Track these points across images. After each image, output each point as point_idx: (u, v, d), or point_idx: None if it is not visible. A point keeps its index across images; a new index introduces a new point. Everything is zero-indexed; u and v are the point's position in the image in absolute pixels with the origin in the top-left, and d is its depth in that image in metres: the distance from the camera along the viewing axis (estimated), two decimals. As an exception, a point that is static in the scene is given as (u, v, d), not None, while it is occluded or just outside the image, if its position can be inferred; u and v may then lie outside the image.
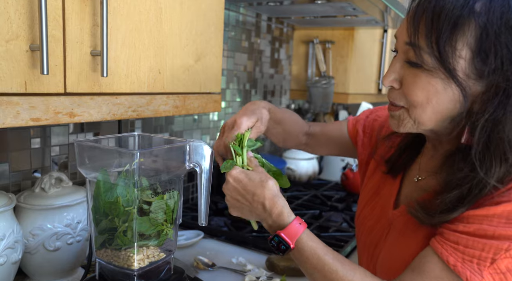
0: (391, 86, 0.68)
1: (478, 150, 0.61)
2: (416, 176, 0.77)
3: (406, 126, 0.68)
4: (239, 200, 0.71)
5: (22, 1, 0.58)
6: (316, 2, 1.41)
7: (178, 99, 0.90)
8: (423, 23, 0.60)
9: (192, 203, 1.57)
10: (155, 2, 0.79)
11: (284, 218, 0.69)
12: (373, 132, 0.92)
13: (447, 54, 0.59)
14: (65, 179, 0.96)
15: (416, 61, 0.62)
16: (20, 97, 0.60)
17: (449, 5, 0.58)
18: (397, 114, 0.68)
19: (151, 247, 0.79)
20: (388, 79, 0.67)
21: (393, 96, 0.68)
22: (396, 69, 0.66)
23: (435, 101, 0.63)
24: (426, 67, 0.61)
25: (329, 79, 2.01)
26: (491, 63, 0.58)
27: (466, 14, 0.58)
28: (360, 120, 0.97)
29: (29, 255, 0.89)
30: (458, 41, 0.59)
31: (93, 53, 0.69)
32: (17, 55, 0.59)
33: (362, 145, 0.94)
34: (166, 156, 0.81)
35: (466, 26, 0.58)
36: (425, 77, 0.62)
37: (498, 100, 0.59)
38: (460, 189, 0.62)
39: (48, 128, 1.05)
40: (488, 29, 0.57)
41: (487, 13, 0.58)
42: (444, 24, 0.58)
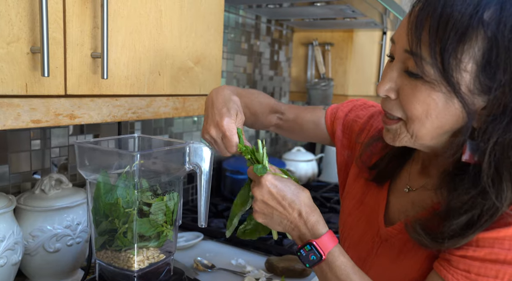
0: (386, 95, 0.62)
1: (489, 174, 0.56)
2: (406, 186, 0.73)
3: (403, 140, 0.63)
4: (272, 205, 0.67)
5: (23, 4, 0.59)
6: (315, 4, 1.42)
7: (178, 101, 0.90)
8: (427, 31, 0.55)
9: (192, 205, 1.57)
10: (155, 4, 0.80)
11: (320, 227, 0.65)
12: (352, 134, 0.87)
13: (451, 66, 0.54)
14: (65, 180, 0.96)
15: (416, 72, 0.57)
16: (21, 99, 0.61)
17: (457, 13, 0.53)
18: (393, 128, 0.63)
19: (151, 249, 0.80)
20: (383, 88, 0.61)
21: (389, 106, 0.62)
22: (393, 77, 0.61)
23: (435, 116, 0.58)
24: (427, 79, 0.56)
25: (329, 81, 2.01)
26: (498, 79, 0.53)
27: (476, 24, 0.52)
28: (338, 119, 0.89)
29: (29, 257, 0.90)
30: (464, 53, 0.53)
31: (94, 55, 0.69)
32: (18, 57, 0.59)
33: (341, 145, 0.89)
34: (166, 157, 0.82)
35: (474, 37, 0.53)
36: (425, 90, 0.57)
37: (507, 120, 0.55)
38: (469, 214, 0.57)
39: (48, 129, 1.05)
40: (498, 41, 0.52)
41: (497, 24, 0.52)
42: (451, 34, 0.53)
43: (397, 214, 0.73)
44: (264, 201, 0.67)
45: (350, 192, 0.84)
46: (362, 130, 0.85)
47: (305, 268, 1.06)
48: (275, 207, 0.66)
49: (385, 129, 0.66)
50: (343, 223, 0.83)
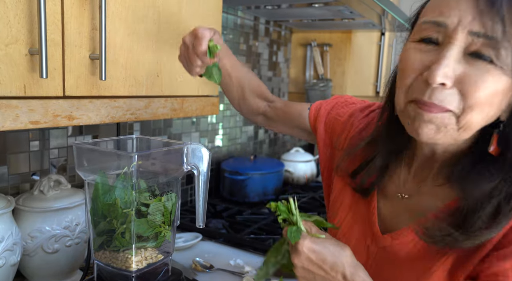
0: (442, 84, 0.53)
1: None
2: (401, 192, 0.70)
3: (446, 135, 0.56)
4: (313, 271, 0.61)
5: (22, 6, 0.59)
6: (313, 5, 1.42)
7: (176, 102, 0.91)
8: (509, 12, 0.49)
9: (190, 206, 1.57)
10: (153, 6, 0.80)
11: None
12: (333, 134, 0.84)
13: None
14: (64, 181, 0.97)
15: (491, 55, 0.51)
16: (19, 100, 0.61)
17: None
18: (439, 117, 0.55)
19: (149, 249, 0.80)
20: (440, 73, 0.52)
21: (441, 97, 0.53)
22: (450, 63, 0.52)
23: (496, 103, 0.53)
24: (497, 63, 0.51)
25: (327, 81, 2.02)
26: None
27: None
28: (321, 116, 0.86)
29: (27, 257, 0.90)
30: None
31: (92, 56, 0.70)
32: (17, 59, 0.60)
33: (324, 144, 0.86)
34: (164, 158, 0.82)
35: None
36: (497, 75, 0.51)
37: None
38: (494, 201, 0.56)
39: (47, 131, 1.05)
40: None
41: None
42: None
43: (392, 221, 0.70)
44: (305, 268, 0.62)
45: (337, 201, 0.80)
46: (342, 131, 0.82)
47: (303, 269, 1.07)
48: (317, 273, 0.61)
49: (423, 121, 0.56)
50: (333, 234, 0.78)
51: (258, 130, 2.00)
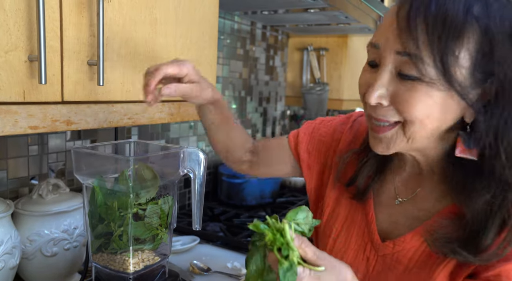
0: (379, 103, 0.59)
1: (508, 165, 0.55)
2: (396, 198, 0.70)
3: (398, 146, 0.61)
4: None
5: (21, 14, 0.61)
6: (309, 11, 1.44)
7: (173, 106, 0.92)
8: (424, 30, 0.53)
9: (188, 209, 1.58)
10: (150, 13, 0.82)
11: None
12: (319, 154, 0.83)
13: (451, 63, 0.53)
14: (62, 185, 0.98)
15: (412, 73, 0.55)
16: (19, 105, 0.62)
17: (451, 10, 0.52)
18: (388, 135, 0.60)
19: (146, 251, 0.81)
20: (374, 96, 0.58)
21: (382, 113, 0.59)
22: (383, 83, 0.58)
23: (436, 115, 0.56)
24: (424, 79, 0.54)
25: (324, 85, 2.03)
26: (494, 69, 0.54)
27: (470, 19, 0.52)
28: (301, 142, 0.85)
29: (26, 261, 0.91)
30: (462, 49, 0.53)
31: (90, 62, 0.71)
32: (16, 66, 0.61)
33: (308, 167, 0.84)
34: (161, 162, 0.83)
35: (470, 32, 0.53)
36: (424, 90, 0.55)
37: (497, 108, 0.55)
38: (499, 213, 0.56)
39: (45, 135, 1.07)
40: (490, 34, 0.53)
41: (487, 17, 0.53)
42: (450, 32, 0.52)
43: (391, 228, 0.70)
44: None
45: (333, 216, 0.78)
46: (328, 149, 0.82)
47: (300, 271, 1.07)
48: None
49: (376, 139, 0.62)
50: (330, 248, 0.76)
51: (256, 134, 2.01)
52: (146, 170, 0.78)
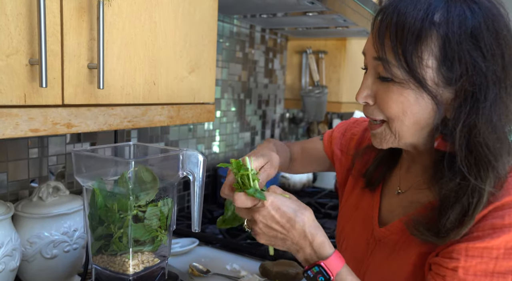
0: (366, 102, 0.68)
1: (462, 157, 0.61)
2: (397, 189, 0.77)
3: (389, 142, 0.69)
4: (274, 228, 0.65)
5: (22, 18, 0.61)
6: (308, 14, 1.45)
7: (173, 109, 0.93)
8: (388, 37, 0.62)
9: (187, 212, 1.59)
10: (150, 16, 0.83)
11: (326, 248, 0.65)
12: (350, 151, 0.92)
13: (415, 64, 0.60)
14: (62, 188, 0.98)
15: (386, 75, 0.63)
16: (20, 109, 0.63)
17: (410, 18, 0.60)
18: (379, 131, 0.69)
19: (146, 253, 0.82)
20: (361, 96, 0.68)
21: (370, 111, 0.69)
22: (368, 85, 0.67)
23: (410, 112, 0.64)
24: (396, 80, 0.63)
25: (323, 88, 2.04)
26: (457, 69, 0.60)
27: (428, 25, 0.60)
28: (335, 138, 0.96)
29: (26, 263, 0.91)
30: (424, 51, 0.60)
31: (90, 66, 0.72)
32: (17, 69, 0.62)
33: (340, 164, 0.94)
34: (160, 164, 0.84)
35: (429, 37, 0.60)
36: (397, 90, 0.63)
37: (469, 105, 0.61)
38: (460, 201, 0.61)
39: (45, 138, 1.07)
40: (449, 38, 0.59)
41: (446, 23, 0.60)
42: (408, 37, 0.60)
43: (388, 216, 0.77)
44: (267, 225, 0.65)
45: (347, 201, 0.88)
46: (359, 145, 0.90)
47: (298, 272, 1.08)
48: (278, 230, 0.65)
49: (372, 135, 0.71)
50: (341, 229, 0.87)
51: (255, 137, 2.02)
52: (145, 173, 0.79)
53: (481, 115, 0.60)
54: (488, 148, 0.60)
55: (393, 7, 0.63)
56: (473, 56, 0.59)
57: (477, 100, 0.60)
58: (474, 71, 0.60)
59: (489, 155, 0.60)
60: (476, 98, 0.60)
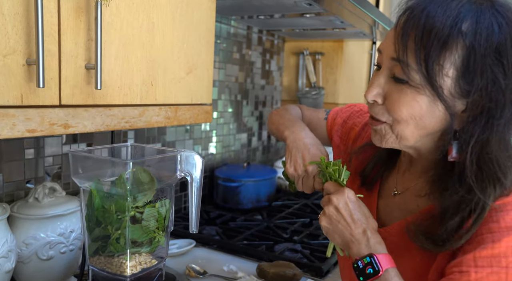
0: (374, 101, 0.67)
1: (472, 171, 0.60)
2: (394, 190, 0.77)
3: (389, 141, 0.68)
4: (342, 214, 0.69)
5: (20, 18, 0.61)
6: (305, 15, 1.45)
7: (170, 110, 0.92)
8: (412, 40, 0.60)
9: (184, 213, 1.58)
10: (148, 17, 0.82)
11: (381, 248, 0.66)
12: (348, 141, 0.92)
13: (435, 72, 0.59)
14: (59, 189, 0.98)
15: (402, 77, 0.62)
16: (16, 109, 0.62)
17: (438, 23, 0.58)
18: (379, 128, 0.68)
19: (143, 254, 0.81)
20: (371, 94, 0.66)
21: (376, 111, 0.67)
22: (380, 83, 0.66)
23: (419, 118, 0.63)
24: (412, 84, 0.61)
25: (319, 89, 2.05)
26: (476, 83, 0.59)
27: (455, 34, 0.58)
28: (337, 124, 0.96)
29: (22, 264, 0.91)
30: (446, 60, 0.59)
31: (88, 66, 0.71)
32: (14, 69, 0.61)
33: (338, 151, 0.94)
34: (158, 165, 0.84)
35: (454, 45, 0.58)
36: (411, 94, 0.61)
37: (484, 121, 0.60)
38: (460, 213, 0.61)
39: (41, 139, 1.07)
40: (475, 49, 0.58)
41: (474, 34, 0.58)
42: (434, 42, 0.58)
43: (386, 217, 0.77)
44: (338, 208, 0.69)
45: None
46: (357, 138, 0.89)
47: (296, 273, 1.08)
48: (344, 217, 0.68)
49: (373, 131, 0.70)
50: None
51: (252, 138, 2.02)
52: (143, 173, 0.78)
53: (495, 132, 0.60)
54: (498, 165, 0.60)
55: (422, 8, 0.60)
56: (495, 72, 0.58)
57: (492, 116, 0.59)
58: (494, 87, 0.58)
59: (499, 172, 0.60)
60: (492, 114, 0.59)
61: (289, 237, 1.36)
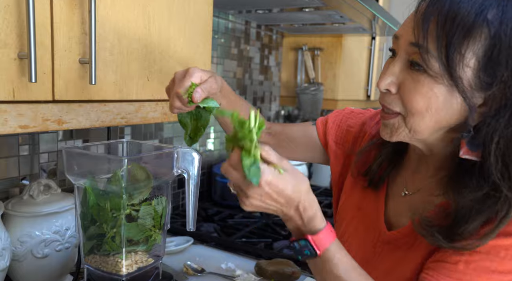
0: (387, 90, 0.62)
1: (498, 168, 0.57)
2: (403, 190, 0.73)
3: (400, 135, 0.64)
4: (268, 203, 0.60)
5: (10, 10, 0.59)
6: (304, 10, 1.43)
7: (167, 106, 0.91)
8: (434, 25, 0.56)
9: (181, 210, 1.57)
10: (144, 10, 0.81)
11: (316, 223, 0.61)
12: (345, 144, 0.87)
13: (455, 61, 0.55)
14: (54, 186, 0.96)
15: (421, 63, 0.58)
16: (8, 104, 0.61)
17: (463, 10, 0.55)
18: (391, 122, 0.64)
19: (140, 253, 0.80)
20: (384, 82, 0.62)
21: (389, 101, 0.63)
22: (395, 71, 0.62)
23: (435, 110, 0.59)
24: (430, 72, 0.57)
25: (318, 85, 2.03)
26: (499, 75, 0.55)
27: (481, 22, 0.54)
28: (330, 129, 0.89)
29: (17, 263, 0.89)
30: (468, 49, 0.55)
31: (82, 61, 0.70)
32: (5, 63, 0.60)
33: (335, 157, 0.88)
34: (154, 162, 0.82)
35: (478, 34, 0.55)
36: (428, 83, 0.58)
37: (508, 115, 0.57)
38: (483, 212, 0.58)
39: (36, 135, 1.05)
40: (500, 40, 0.54)
41: (499, 23, 0.54)
42: (458, 29, 0.55)
43: (395, 218, 0.73)
44: (262, 201, 0.59)
45: (348, 201, 0.83)
46: (356, 140, 0.85)
47: (295, 271, 1.07)
48: (272, 204, 0.60)
49: (383, 125, 0.66)
50: (343, 231, 0.81)
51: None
52: (139, 171, 0.77)
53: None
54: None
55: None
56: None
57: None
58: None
59: None
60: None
61: (287, 235, 1.35)
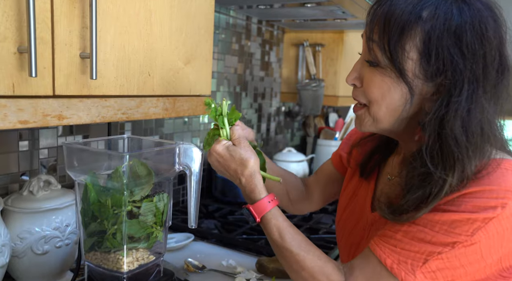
0: (354, 84, 0.72)
1: (428, 147, 0.64)
2: (388, 176, 0.81)
3: (367, 124, 0.72)
4: (221, 171, 0.79)
5: (10, 3, 0.58)
6: (305, 5, 1.42)
7: (168, 101, 0.90)
8: (378, 26, 0.66)
9: (182, 206, 1.57)
10: (145, 5, 0.80)
11: (256, 195, 0.75)
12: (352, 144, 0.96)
13: (397, 54, 0.64)
14: (54, 182, 0.95)
15: (372, 60, 0.67)
16: (8, 99, 0.60)
17: (398, 11, 0.64)
18: (359, 114, 0.73)
19: (141, 250, 0.79)
20: (350, 78, 0.72)
21: (356, 93, 0.73)
22: (357, 68, 0.72)
23: (388, 98, 0.68)
24: (381, 65, 0.66)
25: (319, 81, 2.02)
26: (434, 64, 0.63)
27: (413, 19, 0.63)
28: (342, 144, 1.01)
29: (16, 259, 0.89)
30: (407, 43, 0.64)
31: (82, 55, 0.69)
32: (5, 57, 0.59)
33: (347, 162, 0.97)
34: (155, 158, 0.81)
35: (413, 30, 0.63)
36: (379, 75, 0.67)
37: (442, 99, 0.64)
38: (422, 188, 0.65)
39: (36, 130, 1.04)
40: (431, 33, 0.63)
41: (431, 19, 0.63)
42: (393, 28, 0.64)
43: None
44: (215, 166, 0.80)
45: (345, 190, 0.92)
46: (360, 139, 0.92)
47: (296, 269, 1.07)
48: (223, 172, 0.79)
49: (355, 117, 0.76)
50: (339, 217, 0.91)
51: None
52: (140, 167, 0.76)
53: (453, 109, 0.62)
54: (456, 141, 0.62)
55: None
56: (452, 53, 0.62)
57: (450, 94, 0.63)
58: (451, 67, 0.62)
59: (455, 147, 0.62)
60: (450, 93, 0.63)
61: (288, 231, 1.35)
